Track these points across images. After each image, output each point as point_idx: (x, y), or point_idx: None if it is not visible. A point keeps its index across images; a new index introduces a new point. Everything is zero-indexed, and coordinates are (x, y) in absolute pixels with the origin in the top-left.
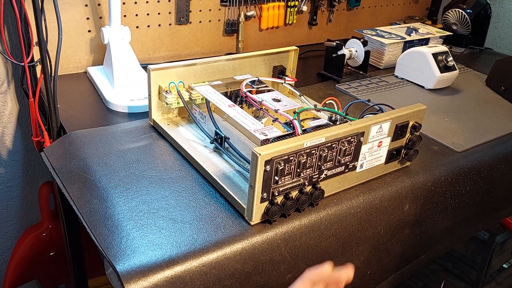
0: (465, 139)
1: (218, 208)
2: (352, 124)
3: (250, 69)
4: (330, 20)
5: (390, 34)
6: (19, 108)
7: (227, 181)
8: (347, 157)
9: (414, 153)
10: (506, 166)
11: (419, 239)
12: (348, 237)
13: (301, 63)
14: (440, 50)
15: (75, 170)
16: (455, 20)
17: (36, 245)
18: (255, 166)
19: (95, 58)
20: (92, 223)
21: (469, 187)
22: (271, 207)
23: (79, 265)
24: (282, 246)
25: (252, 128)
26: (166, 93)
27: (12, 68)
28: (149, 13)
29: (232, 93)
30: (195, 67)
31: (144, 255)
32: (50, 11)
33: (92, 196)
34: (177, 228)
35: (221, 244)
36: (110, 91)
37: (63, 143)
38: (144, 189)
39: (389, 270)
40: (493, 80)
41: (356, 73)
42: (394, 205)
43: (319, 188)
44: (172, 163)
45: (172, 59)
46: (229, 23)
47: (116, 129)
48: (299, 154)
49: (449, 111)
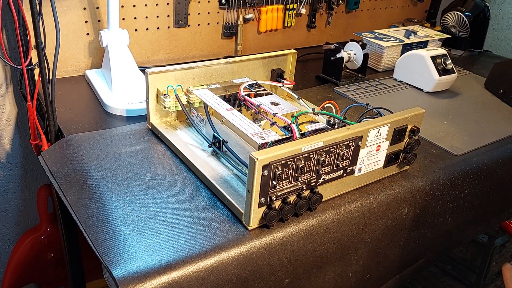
0: (463, 142)
1: (216, 212)
2: (350, 128)
3: (248, 73)
4: (329, 22)
5: (388, 37)
6: (18, 111)
7: (225, 186)
8: (345, 161)
9: (412, 157)
10: (505, 170)
11: (418, 243)
12: (346, 242)
13: (299, 66)
14: (439, 53)
15: (73, 174)
16: (454, 23)
17: (34, 248)
18: (253, 171)
19: (94, 61)
20: (89, 228)
21: (468, 190)
22: (269, 212)
23: (77, 268)
24: (280, 251)
25: (250, 132)
26: (164, 96)
27: (10, 71)
28: (148, 16)
29: (230, 97)
30: (193, 70)
31: (141, 260)
32: (48, 14)
33: (90, 200)
34: (174, 233)
35: (218, 249)
36: (108, 94)
37: (61, 146)
38: (141, 193)
39: (388, 274)
40: (492, 83)
41: (355, 76)
42: (392, 209)
43: (317, 193)
44: (170, 167)
45: (170, 62)
46: (227, 26)
47: (114, 132)
48: (297, 158)
49: (447, 114)
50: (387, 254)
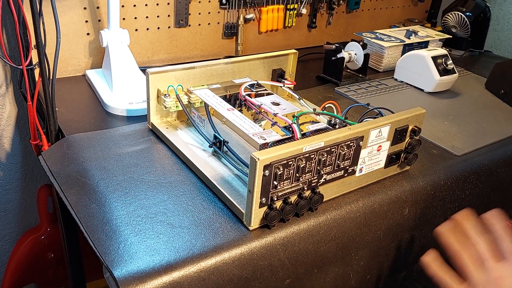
0: (464, 142)
1: (217, 212)
2: (351, 128)
3: (249, 73)
4: (330, 23)
5: (389, 37)
6: (18, 111)
7: (225, 186)
8: (346, 161)
9: (413, 157)
10: (505, 170)
11: (418, 243)
12: (347, 242)
13: (300, 66)
14: (440, 53)
15: (73, 174)
16: (455, 23)
17: (34, 248)
18: (254, 171)
19: (94, 61)
20: (89, 228)
21: (468, 191)
22: (270, 212)
23: (78, 268)
24: (281, 251)
25: (251, 132)
26: (165, 96)
27: (10, 71)
28: (148, 16)
29: (231, 97)
30: (194, 70)
31: (142, 261)
32: (49, 14)
33: (90, 200)
34: (175, 233)
35: (219, 250)
36: (109, 94)
37: (61, 146)
38: (142, 193)
39: (389, 275)
40: (493, 83)
41: (356, 76)
42: (393, 210)
43: (318, 193)
44: (170, 167)
45: (171, 62)
46: (228, 26)
47: (115, 132)
48: (298, 158)
49: (448, 114)
50: (388, 255)
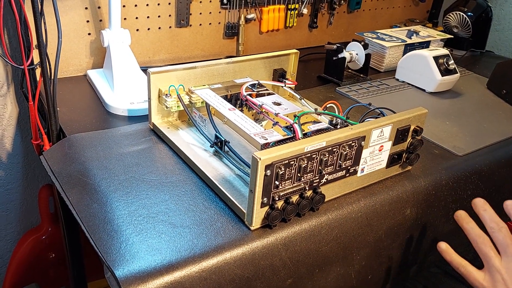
0: (466, 142)
1: (218, 212)
2: (353, 128)
3: (250, 72)
4: (331, 23)
5: (390, 37)
6: (19, 111)
7: (227, 185)
8: (348, 161)
9: (415, 157)
10: (507, 170)
11: (420, 243)
12: (349, 242)
13: (301, 66)
14: (441, 53)
15: (75, 174)
16: (456, 23)
17: (35, 248)
18: (256, 171)
19: (95, 61)
20: (91, 227)
21: (470, 191)
22: (271, 212)
23: (79, 268)
24: (283, 251)
25: (252, 132)
26: (166, 96)
27: (12, 71)
28: (149, 16)
29: (232, 97)
30: (195, 70)
31: (144, 260)
32: (50, 14)
33: (92, 200)
34: (176, 232)
35: (221, 249)
36: (110, 94)
37: (62, 146)
38: (143, 193)
39: (390, 275)
40: (494, 83)
41: (357, 76)
42: (395, 210)
43: (319, 193)
44: (172, 166)
45: (172, 62)
46: (229, 26)
47: (116, 132)
48: (300, 158)
49: (450, 114)
50: (389, 255)
